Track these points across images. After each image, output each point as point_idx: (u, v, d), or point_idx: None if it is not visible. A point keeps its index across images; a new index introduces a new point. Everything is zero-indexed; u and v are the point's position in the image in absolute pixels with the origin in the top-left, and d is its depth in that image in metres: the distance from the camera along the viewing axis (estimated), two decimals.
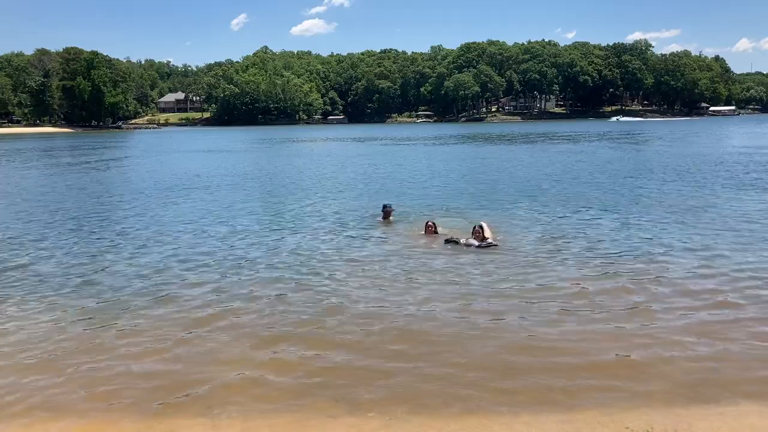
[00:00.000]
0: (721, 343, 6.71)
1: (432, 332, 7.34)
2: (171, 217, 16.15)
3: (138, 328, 7.52)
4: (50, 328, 7.56)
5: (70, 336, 7.30)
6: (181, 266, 10.51)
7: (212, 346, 6.91)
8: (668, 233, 12.50)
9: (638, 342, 6.77)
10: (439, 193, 20.18)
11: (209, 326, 7.51)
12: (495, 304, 8.17)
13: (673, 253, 10.72)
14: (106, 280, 9.71)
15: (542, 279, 9.29)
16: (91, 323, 7.73)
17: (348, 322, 7.55)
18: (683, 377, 5.91)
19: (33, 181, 27.43)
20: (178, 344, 6.98)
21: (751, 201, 16.91)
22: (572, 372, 6.06)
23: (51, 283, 9.59)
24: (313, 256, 11.12)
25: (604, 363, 6.27)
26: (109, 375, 6.22)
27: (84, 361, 6.55)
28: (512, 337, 7.02)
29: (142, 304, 8.46)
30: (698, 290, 8.59)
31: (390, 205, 13.65)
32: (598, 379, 5.93)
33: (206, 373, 6.21)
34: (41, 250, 12.02)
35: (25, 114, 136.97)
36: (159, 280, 9.61)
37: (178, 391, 5.85)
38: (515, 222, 14.09)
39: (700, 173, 24.56)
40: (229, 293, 8.83)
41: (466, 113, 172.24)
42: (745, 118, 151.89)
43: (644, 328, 7.17)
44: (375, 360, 6.44)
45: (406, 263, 10.32)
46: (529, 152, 42.70)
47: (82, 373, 6.29)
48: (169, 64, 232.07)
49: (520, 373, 6.08)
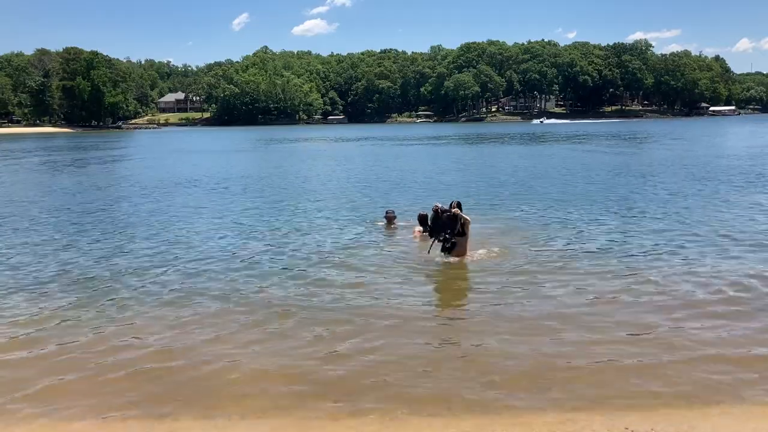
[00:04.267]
0: (723, 344, 6.68)
1: (431, 332, 7.33)
2: (170, 216, 16.14)
3: (138, 329, 7.50)
4: (50, 328, 7.54)
5: (70, 336, 7.28)
6: (180, 266, 10.50)
7: (212, 346, 6.90)
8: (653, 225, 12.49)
9: (638, 343, 6.75)
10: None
11: (209, 326, 7.50)
12: (494, 304, 8.15)
13: (670, 256, 10.70)
14: (105, 280, 9.70)
15: (540, 281, 9.27)
16: (91, 323, 7.72)
17: (348, 323, 7.53)
18: (684, 378, 5.89)
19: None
20: (178, 344, 6.96)
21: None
22: (573, 372, 6.04)
23: (51, 283, 9.58)
24: (313, 257, 11.12)
25: (604, 363, 6.25)
26: (109, 374, 6.20)
27: (84, 361, 6.53)
28: (512, 337, 7.00)
29: (142, 303, 8.45)
30: (698, 292, 8.57)
31: (392, 210, 13.64)
32: (598, 379, 5.91)
33: (206, 374, 6.20)
34: (44, 250, 12.01)
35: (25, 114, 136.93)
36: (158, 281, 9.60)
37: (179, 391, 5.84)
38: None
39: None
40: (229, 295, 8.82)
41: (466, 113, 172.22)
42: (745, 118, 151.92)
43: (644, 329, 7.15)
44: (375, 360, 6.42)
45: (404, 266, 10.28)
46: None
47: (82, 372, 6.27)
48: (169, 64, 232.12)
49: (521, 373, 6.06)
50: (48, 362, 6.55)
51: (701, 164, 29.04)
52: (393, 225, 13.20)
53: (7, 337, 7.32)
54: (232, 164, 36.44)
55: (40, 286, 9.43)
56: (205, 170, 31.40)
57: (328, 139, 75.16)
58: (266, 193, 21.61)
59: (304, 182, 25.16)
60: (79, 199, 20.57)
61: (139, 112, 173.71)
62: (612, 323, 7.37)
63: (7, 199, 20.58)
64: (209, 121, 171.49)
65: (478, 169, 30.83)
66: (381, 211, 14.41)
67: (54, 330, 7.50)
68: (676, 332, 7.03)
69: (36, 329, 7.53)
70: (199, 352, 6.75)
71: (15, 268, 10.59)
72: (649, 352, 6.49)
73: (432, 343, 7.07)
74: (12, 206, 18.75)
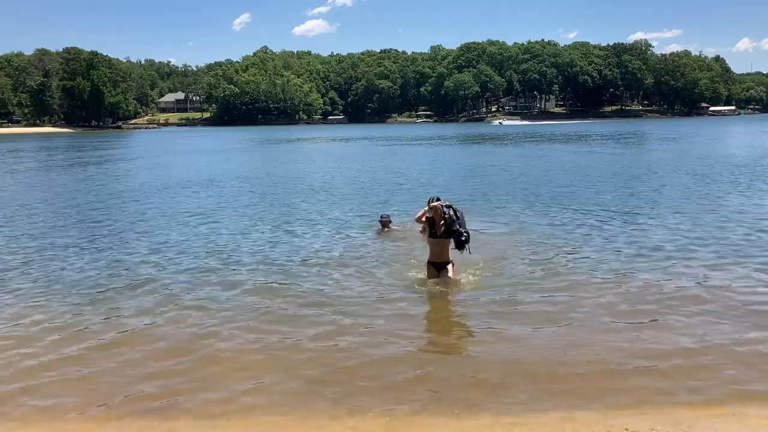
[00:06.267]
0: (724, 344, 6.68)
1: (431, 332, 7.33)
2: (168, 216, 16.14)
3: (137, 329, 7.50)
4: (50, 328, 7.54)
5: (71, 335, 7.28)
6: (178, 267, 10.50)
7: (212, 346, 6.89)
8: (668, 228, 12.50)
9: (638, 343, 6.75)
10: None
11: (209, 327, 7.49)
12: (494, 305, 8.15)
13: (669, 255, 10.71)
14: (105, 280, 9.70)
15: (540, 281, 9.27)
16: (90, 322, 7.72)
17: (347, 324, 7.53)
18: (685, 378, 5.88)
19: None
20: (178, 345, 6.96)
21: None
22: (573, 372, 6.04)
23: (50, 281, 9.57)
24: (313, 258, 11.13)
25: (604, 363, 6.25)
26: (109, 375, 6.20)
27: (84, 361, 6.53)
28: (511, 337, 7.00)
29: (141, 304, 8.44)
30: (699, 291, 8.57)
31: (387, 215, 13.50)
32: (598, 379, 5.91)
33: (206, 374, 6.19)
34: (44, 249, 12.01)
35: (25, 114, 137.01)
36: (155, 282, 9.59)
37: (179, 391, 5.83)
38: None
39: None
40: (228, 295, 8.81)
41: (466, 113, 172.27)
42: (745, 118, 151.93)
43: (644, 329, 7.15)
44: (375, 360, 6.42)
45: (401, 268, 10.22)
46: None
47: (83, 372, 6.27)
48: (169, 64, 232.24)
49: (521, 373, 6.05)
50: (48, 362, 6.54)
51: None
52: (388, 229, 13.07)
53: (7, 336, 7.32)
54: (231, 165, 36.44)
55: (40, 286, 9.42)
56: (204, 171, 31.41)
57: (327, 139, 75.10)
58: (263, 193, 21.61)
59: (299, 183, 25.07)
60: (79, 199, 20.57)
61: (139, 112, 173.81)
62: (612, 323, 7.37)
63: (11, 200, 20.59)
64: (209, 121, 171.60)
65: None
66: (376, 215, 14.24)
67: (53, 330, 7.49)
68: (675, 332, 7.02)
69: (36, 329, 7.52)
70: (198, 352, 6.74)
71: (15, 268, 10.59)
72: (649, 352, 6.48)
73: (432, 343, 7.07)
74: (18, 208, 18.75)
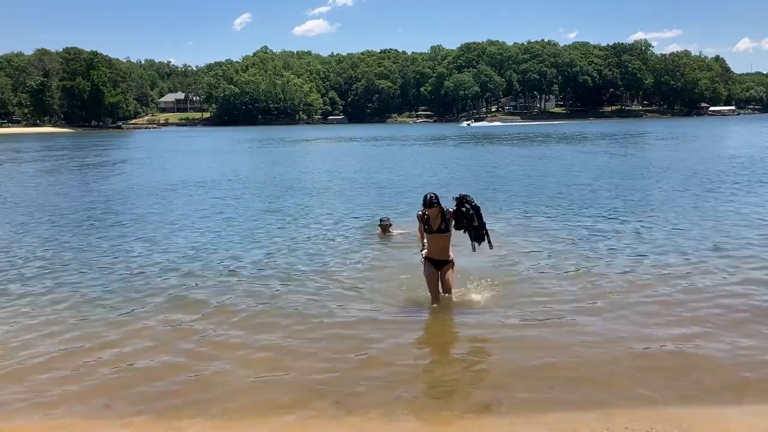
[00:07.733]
0: (724, 343, 6.68)
1: (430, 333, 7.33)
2: (167, 217, 16.14)
3: (138, 329, 7.50)
4: (50, 328, 7.54)
5: (69, 335, 7.28)
6: (177, 269, 10.51)
7: (211, 346, 6.90)
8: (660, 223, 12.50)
9: (638, 343, 6.75)
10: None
11: (209, 327, 7.50)
12: (493, 305, 8.14)
13: (668, 258, 10.71)
14: (105, 280, 9.70)
15: (539, 282, 9.27)
16: (90, 322, 7.72)
17: (347, 324, 7.53)
18: (684, 378, 5.89)
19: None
20: (178, 345, 6.96)
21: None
22: (572, 372, 6.04)
23: (50, 281, 9.58)
24: (313, 260, 11.14)
25: (604, 363, 6.25)
26: (108, 374, 6.20)
27: (84, 360, 6.53)
28: (511, 337, 7.00)
29: (141, 305, 8.45)
30: (698, 291, 8.57)
31: (387, 218, 13.41)
32: (598, 379, 5.91)
33: (206, 374, 6.19)
34: (44, 249, 12.02)
35: (25, 114, 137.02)
36: (154, 284, 9.59)
37: (178, 391, 5.84)
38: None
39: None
40: (227, 297, 8.81)
41: (465, 113, 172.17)
42: (745, 118, 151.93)
43: (644, 329, 7.15)
44: (375, 360, 6.42)
45: (399, 271, 10.18)
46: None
47: (83, 371, 6.27)
48: (170, 64, 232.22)
49: (521, 372, 6.05)
50: (47, 362, 6.54)
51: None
52: (388, 232, 12.98)
53: (7, 336, 7.32)
54: (230, 165, 36.41)
55: (38, 286, 9.42)
56: (203, 171, 31.40)
57: (327, 139, 75.07)
58: (260, 194, 21.61)
59: (298, 184, 25.04)
60: (79, 200, 20.57)
61: (139, 112, 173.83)
62: (611, 323, 7.37)
63: (11, 201, 20.60)
64: (209, 121, 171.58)
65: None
66: (376, 218, 14.15)
67: (53, 330, 7.49)
68: (675, 332, 7.02)
69: (35, 329, 7.52)
70: (198, 352, 6.74)
71: (15, 268, 10.60)
72: (649, 351, 6.49)
73: (431, 343, 7.07)
74: (18, 208, 18.75)
